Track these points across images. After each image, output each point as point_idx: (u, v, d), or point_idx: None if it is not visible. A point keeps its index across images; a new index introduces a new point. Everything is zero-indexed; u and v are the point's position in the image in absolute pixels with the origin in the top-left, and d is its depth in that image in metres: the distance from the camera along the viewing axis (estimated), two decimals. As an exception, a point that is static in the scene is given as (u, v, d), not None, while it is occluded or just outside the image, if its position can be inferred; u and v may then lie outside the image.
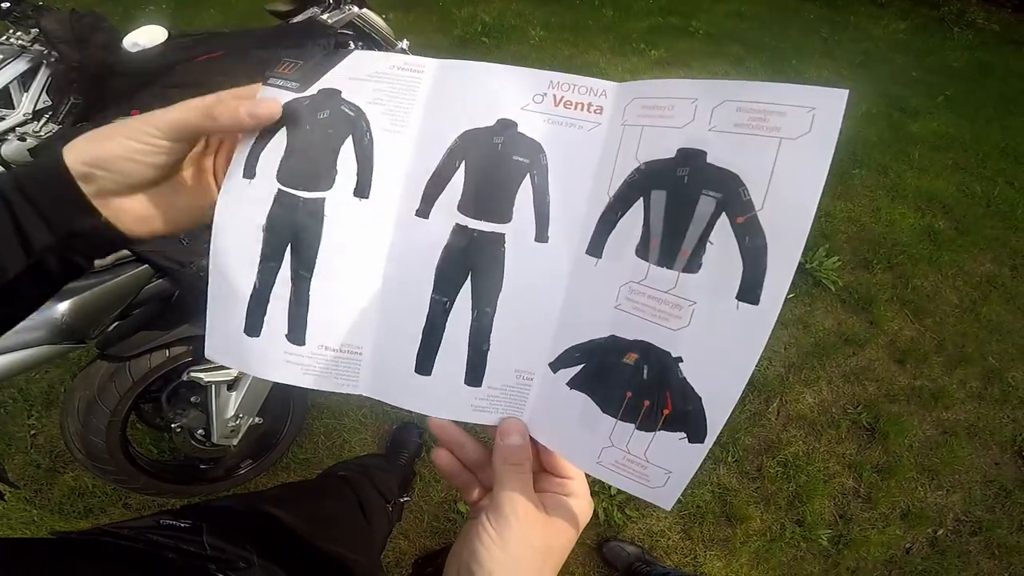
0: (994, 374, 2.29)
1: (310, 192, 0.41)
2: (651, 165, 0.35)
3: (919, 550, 1.84)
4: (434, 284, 0.41)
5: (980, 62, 4.42)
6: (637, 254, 0.36)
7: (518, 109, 0.39)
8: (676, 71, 3.80)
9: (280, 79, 0.44)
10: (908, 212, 2.90)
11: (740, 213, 0.32)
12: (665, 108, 0.35)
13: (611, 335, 0.37)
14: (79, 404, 1.33)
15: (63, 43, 2.09)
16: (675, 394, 0.35)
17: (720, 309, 0.33)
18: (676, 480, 0.36)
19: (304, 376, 0.43)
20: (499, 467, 0.41)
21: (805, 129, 0.30)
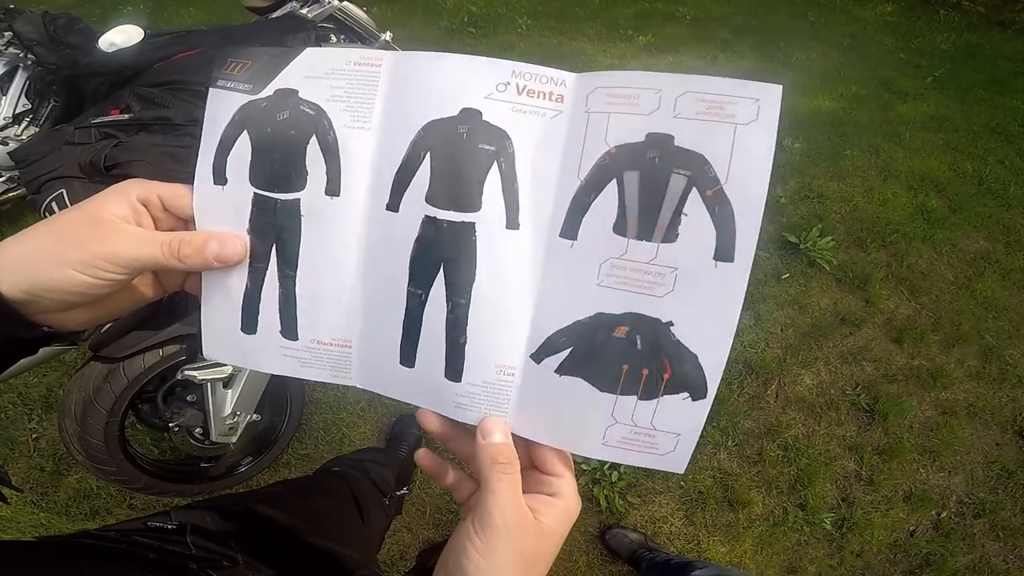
0: (992, 352, 2.27)
1: (285, 193, 0.42)
2: (622, 148, 0.38)
3: (923, 533, 1.82)
4: (409, 277, 0.41)
5: (968, 44, 4.42)
6: (615, 231, 0.38)
7: (481, 98, 0.39)
8: (665, 57, 3.76)
9: (230, 80, 0.43)
10: (901, 192, 2.88)
11: (709, 187, 0.36)
12: (631, 97, 0.38)
13: (597, 312, 0.38)
14: (76, 406, 1.33)
15: (38, 46, 2.06)
16: (672, 357, 0.37)
17: (701, 270, 0.36)
18: (685, 441, 0.38)
19: (302, 368, 0.44)
20: (486, 469, 0.38)
21: (753, 116, 0.35)
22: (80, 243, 0.37)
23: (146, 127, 1.33)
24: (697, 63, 3.70)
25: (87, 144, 1.29)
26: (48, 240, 0.37)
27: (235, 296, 0.43)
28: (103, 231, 0.37)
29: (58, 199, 1.20)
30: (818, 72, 3.73)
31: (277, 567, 0.59)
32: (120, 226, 0.38)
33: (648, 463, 0.39)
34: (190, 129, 1.31)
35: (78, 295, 0.37)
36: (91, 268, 0.37)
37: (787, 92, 0.36)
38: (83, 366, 1.35)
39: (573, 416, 0.40)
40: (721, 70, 3.66)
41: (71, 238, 0.37)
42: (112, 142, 1.29)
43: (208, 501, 0.72)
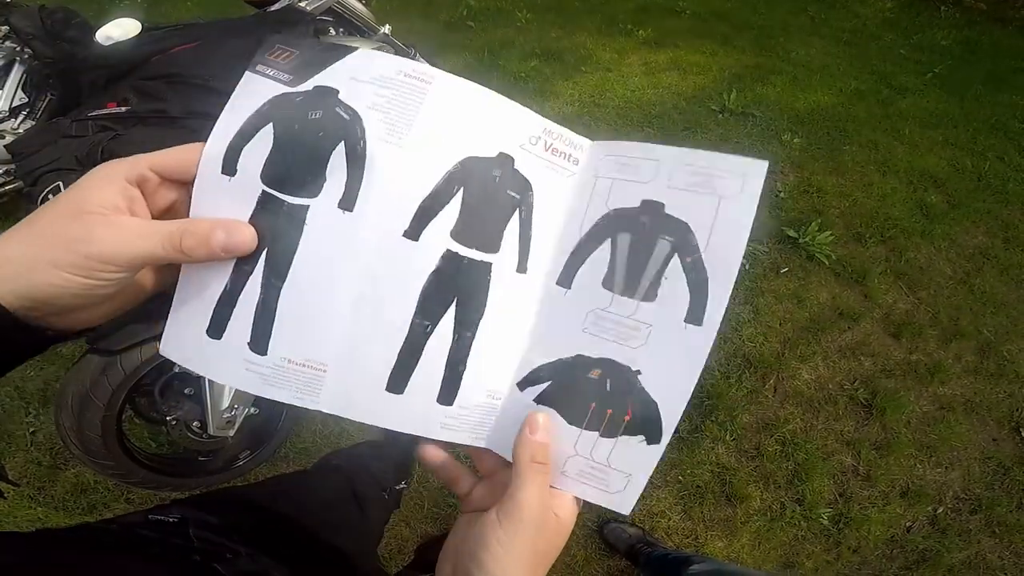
0: (989, 348, 2.27)
1: (295, 197, 0.39)
2: (619, 211, 0.42)
3: (919, 528, 1.83)
4: (418, 307, 0.41)
5: (968, 40, 4.41)
6: (603, 285, 0.41)
7: (517, 147, 0.42)
8: (664, 51, 3.74)
9: (271, 67, 0.41)
10: (900, 187, 2.88)
11: (689, 254, 0.39)
12: (633, 166, 0.42)
13: (577, 354, 0.42)
14: (72, 400, 1.32)
15: (34, 39, 2.06)
16: (635, 402, 0.40)
17: (672, 329, 0.39)
18: (634, 483, 0.41)
19: (263, 385, 0.41)
20: (523, 464, 0.39)
21: (737, 190, 0.39)
22: (70, 246, 0.33)
23: (143, 120, 1.32)
24: (696, 58, 3.69)
25: (84, 137, 1.28)
26: (38, 244, 0.34)
27: (211, 295, 0.40)
28: (92, 228, 0.34)
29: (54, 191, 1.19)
30: (818, 67, 3.72)
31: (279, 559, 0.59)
32: (110, 219, 0.35)
33: (597, 499, 0.41)
34: (187, 122, 1.30)
35: (82, 298, 0.35)
36: (87, 271, 0.34)
37: (787, 86, 0.37)
38: (80, 359, 1.35)
39: None
40: (720, 66, 3.65)
41: (60, 240, 0.34)
42: (109, 135, 1.28)
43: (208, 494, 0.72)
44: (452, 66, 3.41)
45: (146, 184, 0.38)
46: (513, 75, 3.38)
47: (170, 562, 0.50)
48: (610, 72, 3.52)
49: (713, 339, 0.38)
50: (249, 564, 0.55)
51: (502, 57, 3.58)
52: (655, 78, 3.50)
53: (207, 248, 0.37)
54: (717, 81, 3.48)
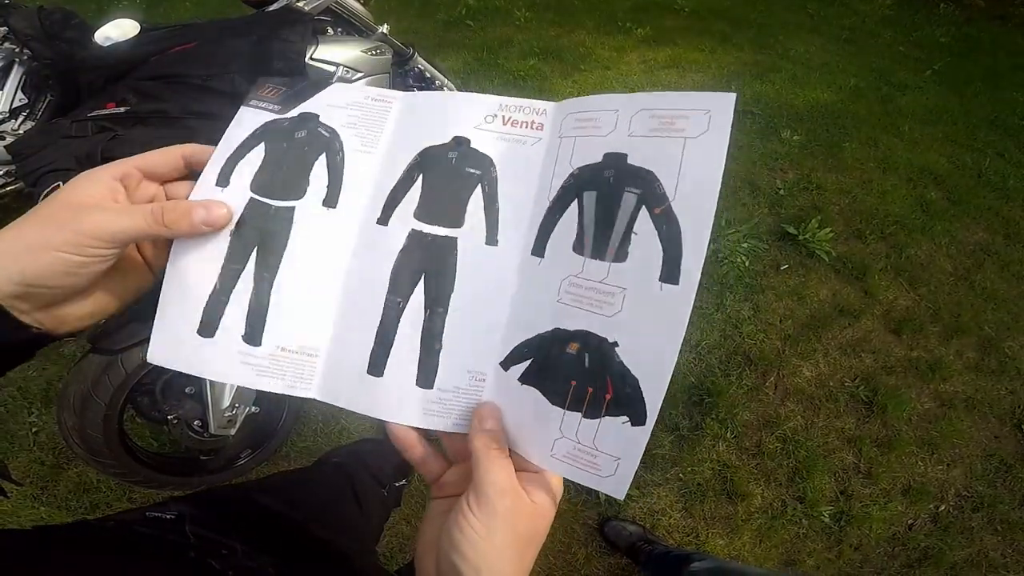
0: (991, 344, 2.27)
1: (281, 201, 0.44)
2: (583, 170, 0.40)
3: (921, 526, 1.82)
4: (389, 285, 0.43)
5: (967, 37, 4.41)
6: (574, 250, 0.39)
7: (471, 128, 0.44)
8: (662, 49, 3.74)
9: (263, 101, 0.47)
10: (900, 183, 2.88)
11: (657, 204, 0.36)
12: (593, 120, 0.40)
13: (555, 328, 0.39)
14: (74, 399, 1.32)
15: (33, 40, 2.06)
16: (615, 378, 0.37)
17: (646, 292, 0.36)
18: (625, 466, 0.37)
19: (258, 378, 0.43)
20: (481, 453, 0.39)
21: (704, 128, 0.35)
22: (61, 225, 0.37)
23: (143, 120, 1.32)
24: (695, 56, 3.69)
25: (84, 137, 1.28)
26: (29, 229, 0.37)
27: (198, 297, 0.43)
28: (81, 211, 0.37)
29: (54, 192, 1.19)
30: (817, 65, 3.72)
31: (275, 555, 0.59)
32: (98, 204, 0.39)
33: (590, 483, 0.38)
34: (187, 122, 1.30)
35: (71, 277, 0.37)
36: (77, 247, 0.37)
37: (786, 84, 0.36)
38: (81, 359, 1.35)
39: (529, 424, 0.40)
40: (719, 63, 3.65)
41: (52, 223, 0.37)
42: (109, 135, 1.28)
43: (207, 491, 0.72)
44: (451, 65, 3.41)
45: (128, 180, 0.42)
46: (512, 74, 3.38)
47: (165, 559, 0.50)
48: (609, 70, 3.52)
49: (692, 298, 0.35)
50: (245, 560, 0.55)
51: (501, 56, 3.58)
52: (654, 76, 3.49)
53: (188, 221, 0.40)
54: (716, 79, 3.48)
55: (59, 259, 0.36)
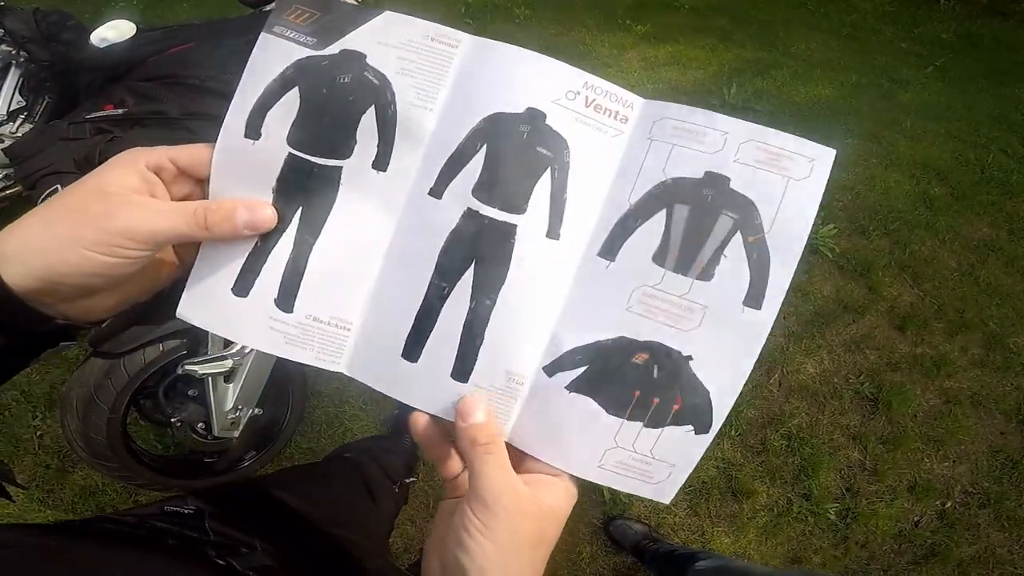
0: (995, 340, 2.26)
1: (326, 159, 0.40)
2: (679, 181, 0.38)
3: (928, 523, 1.81)
4: (435, 268, 0.39)
5: (969, 33, 4.39)
6: (654, 260, 0.38)
7: (549, 101, 0.39)
8: (663, 46, 3.73)
9: (291, 29, 0.40)
10: (903, 179, 2.86)
11: (752, 233, 0.37)
12: (697, 134, 0.38)
13: (620, 336, 0.38)
14: (77, 403, 1.32)
15: (30, 42, 2.05)
16: (685, 390, 0.38)
17: (728, 312, 0.37)
18: (677, 473, 0.39)
19: (285, 345, 0.41)
20: (468, 449, 0.37)
21: (806, 174, 0.37)
22: (92, 221, 0.34)
23: (140, 122, 1.32)
24: (696, 53, 3.68)
25: (82, 139, 1.28)
26: (58, 222, 0.34)
27: (237, 254, 0.40)
28: (114, 205, 0.34)
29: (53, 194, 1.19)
30: (818, 61, 3.71)
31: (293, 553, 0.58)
32: (132, 198, 0.35)
33: (637, 490, 0.39)
34: (186, 123, 1.30)
35: (101, 277, 0.35)
36: (109, 247, 0.34)
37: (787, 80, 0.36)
38: (83, 362, 1.35)
39: (574, 435, 0.39)
40: (720, 60, 3.64)
41: (82, 217, 0.34)
42: (107, 137, 1.28)
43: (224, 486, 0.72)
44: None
45: (163, 172, 0.38)
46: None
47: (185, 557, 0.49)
48: (609, 67, 3.51)
49: (771, 324, 0.37)
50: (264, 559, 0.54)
51: (501, 55, 3.57)
52: (655, 73, 3.49)
53: (231, 225, 0.37)
54: (717, 76, 3.47)
55: (88, 259, 0.34)
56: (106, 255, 0.34)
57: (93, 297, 0.37)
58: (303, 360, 0.41)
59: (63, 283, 0.34)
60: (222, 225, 0.37)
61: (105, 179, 0.36)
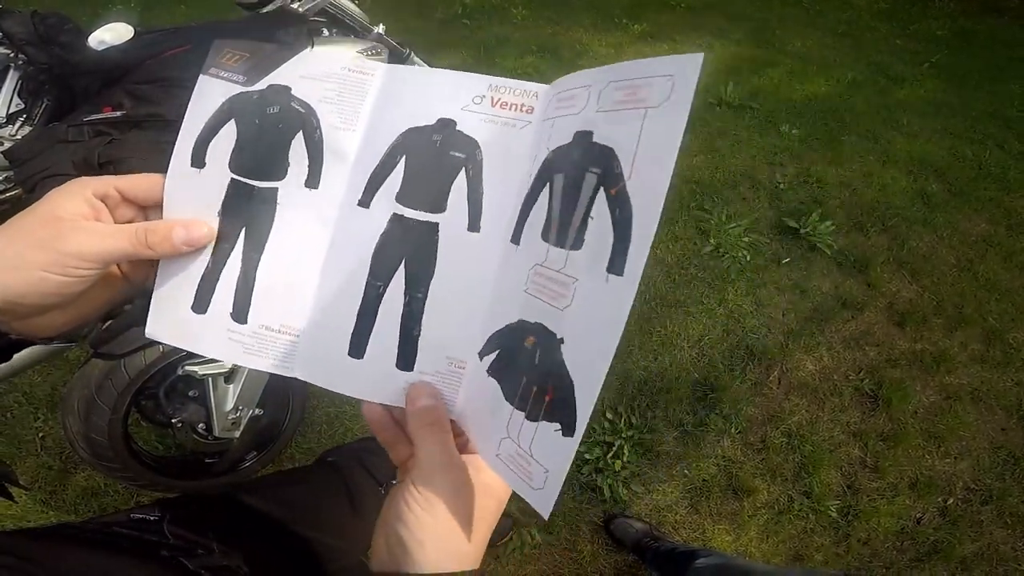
0: (995, 335, 2.26)
1: (263, 182, 0.44)
2: (556, 152, 0.37)
3: (930, 520, 1.81)
4: (370, 269, 0.42)
5: (964, 30, 4.41)
6: (542, 237, 0.37)
7: (458, 109, 0.42)
8: (660, 45, 3.74)
9: (224, 70, 0.45)
10: (900, 176, 2.87)
11: (613, 185, 0.33)
12: (570, 98, 0.38)
13: (520, 319, 0.38)
14: (78, 404, 1.32)
15: (28, 45, 2.05)
16: (554, 379, 0.34)
17: (594, 283, 0.33)
18: (552, 480, 0.33)
19: (244, 354, 0.44)
20: (415, 430, 0.40)
21: (666, 95, 0.31)
22: (43, 244, 0.37)
23: (138, 124, 1.32)
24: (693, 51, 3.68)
25: (80, 142, 1.28)
26: (10, 246, 0.37)
27: (192, 275, 0.44)
28: (64, 229, 0.37)
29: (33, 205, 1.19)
30: (815, 59, 3.71)
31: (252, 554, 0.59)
32: (80, 223, 0.38)
33: (523, 493, 0.35)
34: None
35: (54, 296, 0.38)
36: (61, 267, 0.37)
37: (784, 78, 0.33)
38: (84, 364, 1.35)
39: (485, 418, 0.39)
40: (717, 58, 3.64)
41: (33, 241, 0.37)
42: (105, 139, 1.27)
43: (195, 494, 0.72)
44: (448, 64, 3.40)
45: (108, 199, 0.41)
46: (509, 72, 3.37)
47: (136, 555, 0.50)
48: (606, 67, 3.51)
49: (634, 293, 0.31)
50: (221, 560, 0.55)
51: (498, 54, 3.57)
52: (652, 73, 3.49)
53: (170, 243, 0.41)
54: (714, 74, 3.47)
55: (42, 278, 0.37)
56: (59, 275, 0.37)
57: (45, 315, 0.40)
58: (260, 367, 0.43)
59: (19, 303, 0.37)
60: (162, 244, 0.40)
61: (55, 205, 0.38)
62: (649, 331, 2.14)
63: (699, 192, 2.67)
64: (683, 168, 2.80)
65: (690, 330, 2.16)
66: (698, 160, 2.85)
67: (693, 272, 2.35)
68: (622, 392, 1.97)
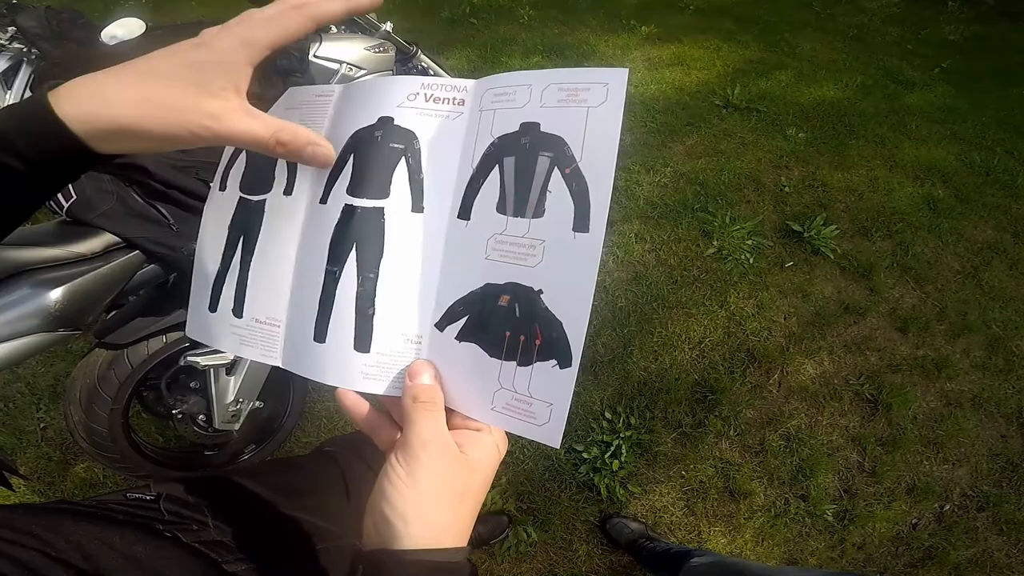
0: (998, 343, 2.25)
1: (256, 195, 0.51)
2: (502, 138, 0.44)
3: (925, 526, 1.81)
4: (327, 256, 0.47)
5: (976, 35, 4.36)
6: (498, 210, 0.43)
7: (394, 107, 0.47)
8: (667, 47, 3.73)
9: None
10: (906, 181, 2.85)
11: (567, 165, 0.41)
12: (510, 94, 0.44)
13: (485, 283, 0.43)
14: (81, 393, 1.35)
15: (41, 40, 2.08)
16: (542, 324, 0.41)
17: (562, 241, 0.41)
18: (557, 412, 0.40)
19: (240, 346, 0.50)
20: (408, 407, 0.41)
21: (603, 99, 0.41)
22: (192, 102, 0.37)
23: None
24: (700, 53, 3.67)
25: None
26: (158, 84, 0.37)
27: (210, 280, 0.52)
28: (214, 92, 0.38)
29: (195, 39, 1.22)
30: (823, 62, 3.70)
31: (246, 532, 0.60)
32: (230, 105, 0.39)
33: (528, 432, 0.41)
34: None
35: (170, 142, 0.38)
36: (196, 127, 0.38)
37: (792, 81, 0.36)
38: (88, 353, 1.37)
39: (469, 380, 0.43)
40: (724, 61, 3.64)
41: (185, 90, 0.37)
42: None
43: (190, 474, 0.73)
44: (455, 63, 3.41)
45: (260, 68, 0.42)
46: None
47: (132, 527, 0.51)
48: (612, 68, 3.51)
49: (601, 243, 0.39)
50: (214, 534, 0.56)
51: (505, 54, 3.58)
52: (658, 73, 3.49)
53: (297, 145, 0.42)
54: (721, 76, 3.46)
55: (169, 123, 0.37)
56: (186, 129, 0.38)
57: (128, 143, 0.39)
58: (251, 357, 0.49)
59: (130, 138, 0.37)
60: (291, 143, 0.41)
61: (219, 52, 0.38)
62: (650, 332, 2.14)
63: (703, 194, 2.67)
64: (687, 170, 2.80)
65: (691, 332, 2.16)
66: (702, 162, 2.85)
67: (695, 274, 2.35)
68: (621, 392, 1.97)
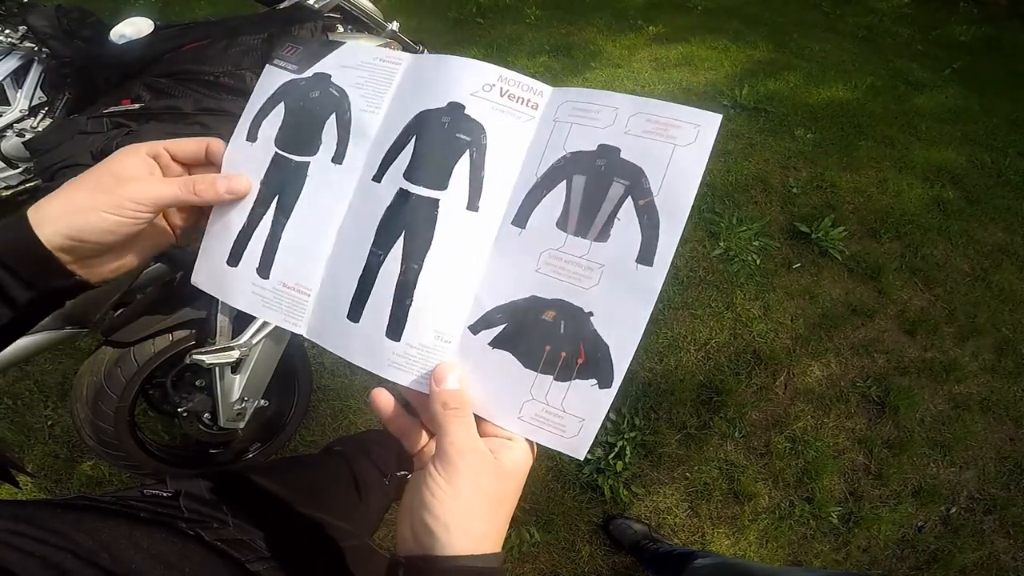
0: (1007, 345, 2.23)
1: (299, 156, 0.50)
2: (576, 155, 0.43)
3: (931, 528, 1.80)
4: (374, 238, 0.46)
5: (987, 36, 4.32)
6: (558, 225, 0.43)
7: (468, 95, 0.45)
8: (674, 47, 3.72)
9: (283, 61, 0.53)
10: (916, 183, 2.83)
11: (641, 197, 0.41)
12: (592, 112, 0.44)
13: (532, 295, 0.43)
14: (87, 391, 1.35)
15: (52, 39, 2.10)
16: (588, 344, 0.41)
17: (623, 270, 0.41)
18: (588, 427, 0.41)
19: (262, 307, 0.49)
20: (439, 414, 0.41)
21: (692, 140, 0.41)
22: (105, 190, 0.43)
23: (156, 116, 1.35)
24: (708, 54, 3.66)
25: (99, 133, 1.31)
26: (79, 193, 0.43)
27: (231, 232, 0.50)
28: (124, 179, 0.44)
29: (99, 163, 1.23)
30: (832, 63, 3.67)
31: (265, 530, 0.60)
32: (136, 175, 0.45)
33: (553, 444, 0.42)
34: (200, 118, 1.32)
35: (111, 234, 0.43)
36: (119, 208, 0.43)
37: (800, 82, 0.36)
38: (95, 351, 1.38)
39: (497, 387, 0.43)
40: (732, 61, 3.62)
41: (98, 188, 0.43)
42: (123, 131, 1.30)
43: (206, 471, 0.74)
44: (463, 64, 3.41)
45: (160, 158, 0.48)
46: (522, 71, 3.37)
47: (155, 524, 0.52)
48: (620, 68, 3.51)
49: (663, 279, 0.40)
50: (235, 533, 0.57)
51: (511, 53, 3.58)
52: (665, 73, 3.48)
53: (214, 190, 0.47)
54: (728, 77, 3.45)
55: (104, 219, 0.42)
56: (117, 215, 0.43)
57: (100, 258, 0.46)
58: (273, 320, 0.49)
59: (82, 241, 0.43)
60: (207, 191, 0.47)
61: (115, 163, 0.45)
62: (655, 333, 2.14)
63: (709, 195, 2.66)
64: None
65: (697, 333, 2.16)
66: (709, 163, 2.83)
67: (701, 275, 2.34)
68: (626, 393, 1.97)
